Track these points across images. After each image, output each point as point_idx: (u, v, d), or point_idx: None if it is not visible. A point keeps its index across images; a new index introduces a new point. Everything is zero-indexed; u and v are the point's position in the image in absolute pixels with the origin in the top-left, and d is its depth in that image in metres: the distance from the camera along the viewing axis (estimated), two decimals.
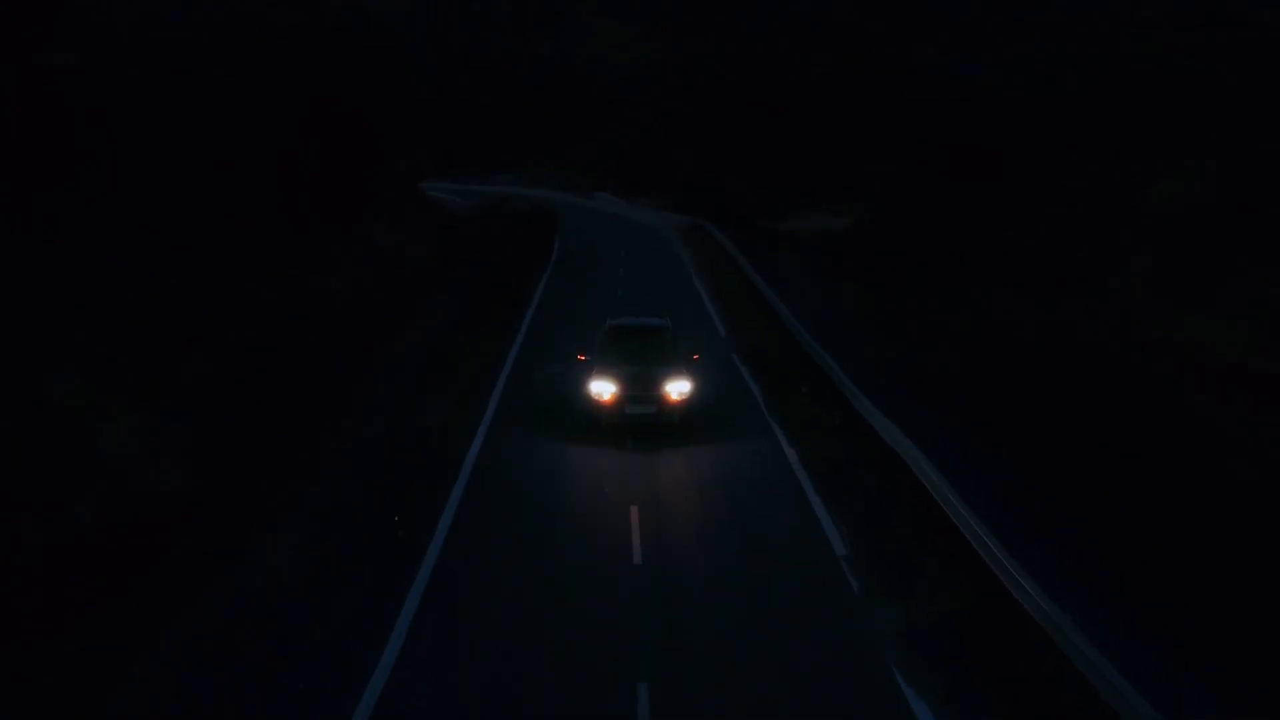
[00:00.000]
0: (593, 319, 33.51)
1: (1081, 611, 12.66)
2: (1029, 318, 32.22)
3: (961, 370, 28.14)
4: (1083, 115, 56.28)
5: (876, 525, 17.59)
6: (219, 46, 37.37)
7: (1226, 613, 14.52)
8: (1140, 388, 25.21)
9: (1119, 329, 29.72)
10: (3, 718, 12.13)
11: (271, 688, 12.60)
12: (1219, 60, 65.21)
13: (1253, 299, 27.86)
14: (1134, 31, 77.98)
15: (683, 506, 18.63)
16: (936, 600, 14.68)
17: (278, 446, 21.38)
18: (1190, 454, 20.65)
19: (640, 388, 21.86)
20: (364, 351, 30.07)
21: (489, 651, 13.45)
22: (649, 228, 66.98)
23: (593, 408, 22.15)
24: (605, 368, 22.31)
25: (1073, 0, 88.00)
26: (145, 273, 26.52)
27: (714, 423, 23.11)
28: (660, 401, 21.87)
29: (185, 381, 22.77)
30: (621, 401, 21.86)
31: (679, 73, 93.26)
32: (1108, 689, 11.08)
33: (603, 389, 22.07)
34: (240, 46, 38.32)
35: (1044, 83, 68.99)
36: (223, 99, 35.36)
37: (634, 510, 18.07)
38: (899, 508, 18.07)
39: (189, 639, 13.75)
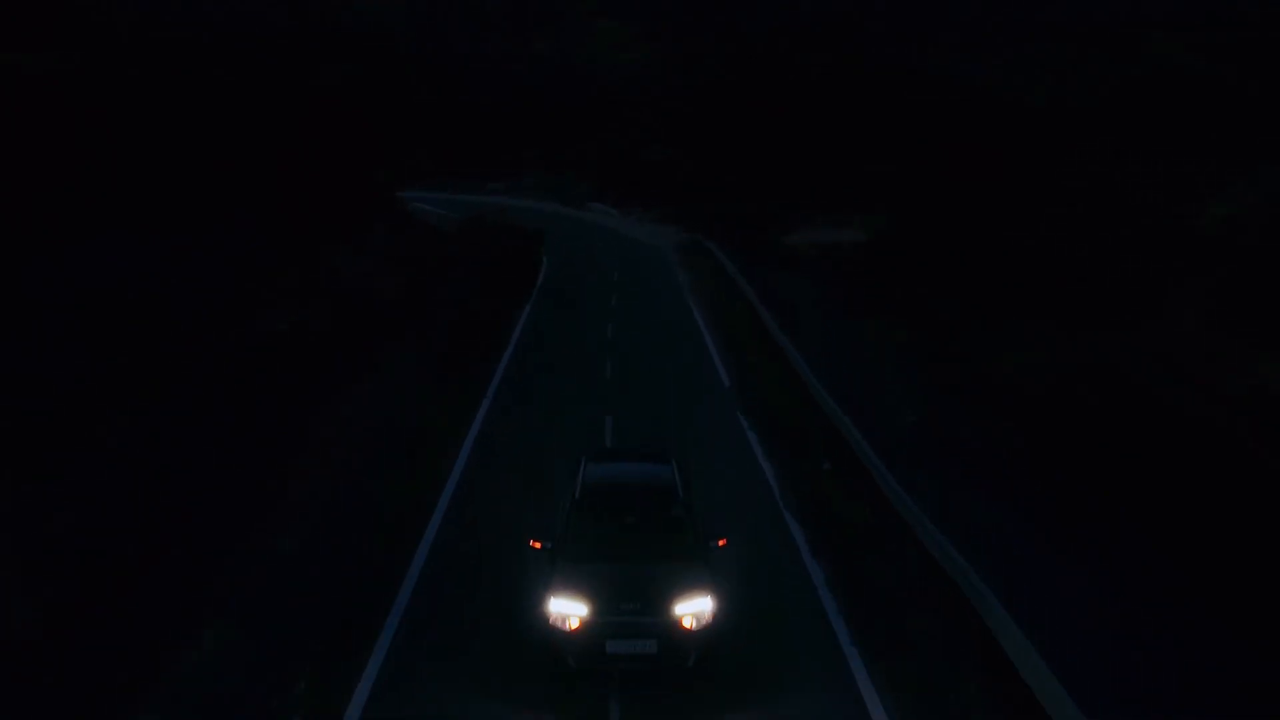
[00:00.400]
0: (578, 381, 28.56)
1: None
2: (1080, 362, 27.22)
3: (1022, 443, 22.43)
4: (1095, 119, 55.68)
5: (941, 704, 12.64)
6: (211, 46, 37.35)
7: None
8: (1237, 464, 20.35)
9: (1184, 377, 24.97)
10: None
11: None
12: (1223, 60, 65.16)
13: None
14: (1136, 31, 77.98)
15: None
16: None
17: (160, 569, 16.02)
18: None
19: (630, 606, 13.04)
20: (302, 418, 23.51)
21: None
22: (646, 246, 62.70)
23: (553, 640, 13.17)
24: (573, 570, 13.43)
25: (1074, 0, 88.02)
26: (145, 272, 26.48)
27: (717, 522, 17.03)
28: (664, 631, 12.96)
29: (61, 471, 18.58)
30: (599, 631, 12.97)
31: (679, 73, 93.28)
32: None
33: (567, 609, 13.09)
34: (214, 43, 38.19)
35: (1050, 84, 68.89)
36: (215, 99, 35.33)
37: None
38: (968, 670, 13.23)
39: None
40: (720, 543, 14.07)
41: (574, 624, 13.01)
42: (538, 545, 14.07)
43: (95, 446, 19.89)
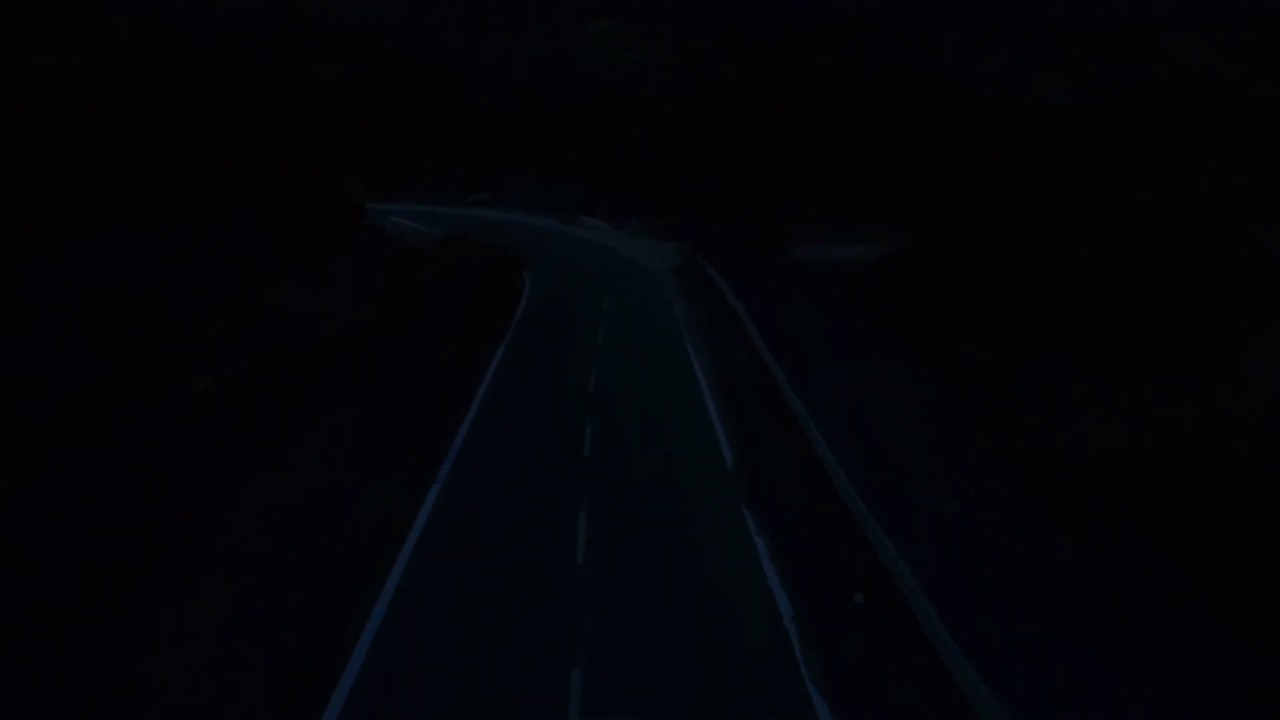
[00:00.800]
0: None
1: None
2: (1162, 431, 22.30)
3: (1117, 553, 17.20)
4: (1109, 121, 55.08)
5: None
6: (211, 46, 37.34)
7: None
8: None
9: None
10: None
11: None
12: (1228, 61, 65.11)
13: None
14: (1138, 31, 77.98)
15: None
16: None
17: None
18: None
19: None
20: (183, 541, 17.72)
21: None
22: (640, 267, 58.00)
23: None
24: None
25: (1077, 1, 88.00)
26: (146, 273, 26.49)
27: (717, 676, 14.19)
28: None
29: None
30: None
31: (679, 73, 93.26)
32: None
33: None
34: (215, 43, 38.13)
35: (1067, 85, 68.80)
36: (213, 100, 35.33)
37: None
38: None
39: None
40: None
41: None
42: None
43: (95, 446, 19.88)
